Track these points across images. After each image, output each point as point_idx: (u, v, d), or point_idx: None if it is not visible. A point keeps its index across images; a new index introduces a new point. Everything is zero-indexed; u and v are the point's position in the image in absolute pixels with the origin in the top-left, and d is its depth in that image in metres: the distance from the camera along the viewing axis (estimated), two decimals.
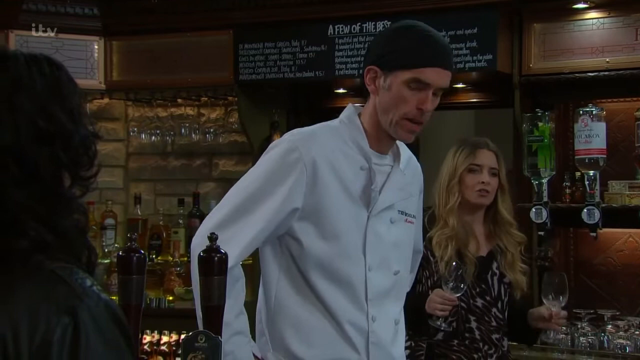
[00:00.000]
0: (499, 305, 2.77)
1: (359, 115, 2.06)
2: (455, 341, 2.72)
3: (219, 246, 1.42)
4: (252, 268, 3.33)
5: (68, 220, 1.05)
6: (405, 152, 2.11)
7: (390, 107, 1.96)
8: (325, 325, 1.98)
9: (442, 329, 2.66)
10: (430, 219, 2.77)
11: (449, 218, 2.74)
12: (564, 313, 2.69)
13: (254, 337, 2.04)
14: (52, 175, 1.04)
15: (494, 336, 2.76)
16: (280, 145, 2.00)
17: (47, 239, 1.02)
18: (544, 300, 2.69)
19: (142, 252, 1.39)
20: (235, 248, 1.87)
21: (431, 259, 2.72)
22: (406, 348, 2.73)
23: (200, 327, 1.86)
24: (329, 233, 1.96)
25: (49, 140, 1.04)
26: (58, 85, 1.08)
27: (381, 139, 2.03)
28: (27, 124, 1.03)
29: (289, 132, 2.07)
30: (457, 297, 2.61)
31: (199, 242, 1.93)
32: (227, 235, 1.83)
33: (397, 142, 2.08)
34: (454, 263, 2.63)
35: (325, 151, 1.97)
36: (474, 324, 2.74)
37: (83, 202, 1.10)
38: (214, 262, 1.40)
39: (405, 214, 2.08)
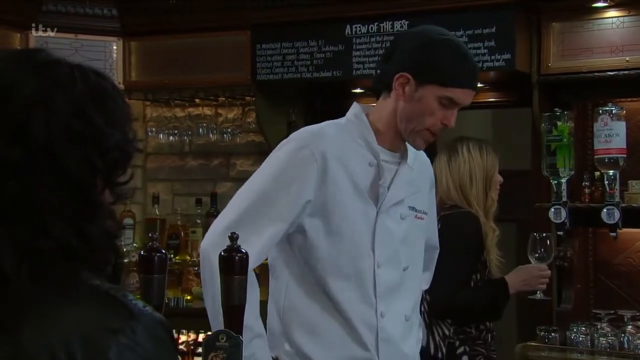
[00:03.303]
0: None
1: (367, 114, 2.06)
2: (492, 340, 2.78)
3: (239, 246, 1.43)
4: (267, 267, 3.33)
5: (95, 224, 1.04)
6: (412, 148, 2.10)
7: (414, 117, 1.97)
8: (335, 325, 1.98)
9: (543, 298, 2.86)
10: (478, 222, 2.77)
11: (491, 222, 2.79)
12: (548, 272, 2.85)
13: None
14: (83, 178, 1.04)
15: None
16: (289, 143, 2.01)
17: (72, 242, 1.02)
18: (530, 259, 2.85)
19: (164, 251, 1.40)
20: (251, 249, 1.87)
21: (487, 265, 2.77)
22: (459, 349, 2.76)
23: (213, 328, 1.87)
24: (337, 229, 1.96)
25: (82, 142, 1.03)
26: (100, 91, 1.07)
27: (392, 139, 2.03)
28: (61, 123, 1.02)
29: (296, 132, 2.08)
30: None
31: (210, 243, 1.93)
32: (241, 236, 1.83)
33: None
34: (536, 234, 2.83)
35: (334, 147, 1.97)
36: (501, 322, 2.86)
37: (114, 208, 1.09)
38: (234, 261, 1.41)
39: (416, 210, 2.08)
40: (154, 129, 4.55)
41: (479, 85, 4.13)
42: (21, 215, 1.01)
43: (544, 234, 2.90)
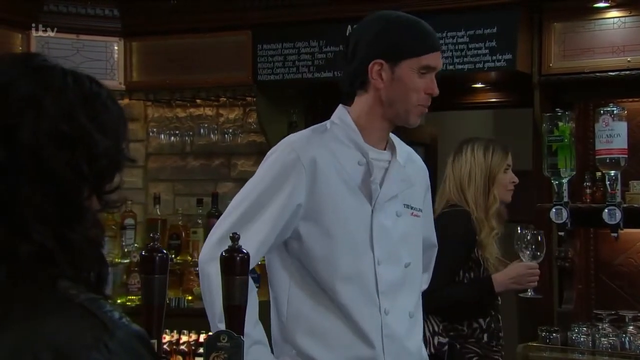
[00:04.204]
0: None
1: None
2: (494, 342, 2.77)
3: (240, 246, 1.43)
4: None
5: (78, 231, 1.02)
6: (403, 147, 2.12)
7: (400, 98, 1.99)
8: (341, 326, 1.98)
9: (534, 296, 2.82)
10: (469, 220, 2.78)
11: (491, 221, 2.79)
12: (538, 270, 2.83)
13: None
14: (69, 183, 1.02)
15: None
16: (276, 151, 2.02)
17: (50, 246, 1.00)
18: (521, 256, 2.83)
19: (165, 251, 1.40)
20: None
21: (482, 262, 2.78)
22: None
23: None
24: (333, 230, 1.97)
25: (70, 146, 1.02)
26: (93, 98, 1.06)
27: (376, 133, 2.04)
28: (49, 126, 1.01)
29: (281, 140, 2.08)
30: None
31: (205, 257, 1.95)
32: None
33: (393, 138, 2.09)
34: (527, 231, 2.80)
35: (322, 150, 1.99)
36: (502, 323, 2.83)
37: (99, 216, 1.07)
38: (236, 261, 1.41)
39: (411, 208, 2.09)
40: (155, 129, 4.55)
41: (481, 85, 4.15)
42: (3, 218, 1.00)
43: (535, 231, 2.89)
